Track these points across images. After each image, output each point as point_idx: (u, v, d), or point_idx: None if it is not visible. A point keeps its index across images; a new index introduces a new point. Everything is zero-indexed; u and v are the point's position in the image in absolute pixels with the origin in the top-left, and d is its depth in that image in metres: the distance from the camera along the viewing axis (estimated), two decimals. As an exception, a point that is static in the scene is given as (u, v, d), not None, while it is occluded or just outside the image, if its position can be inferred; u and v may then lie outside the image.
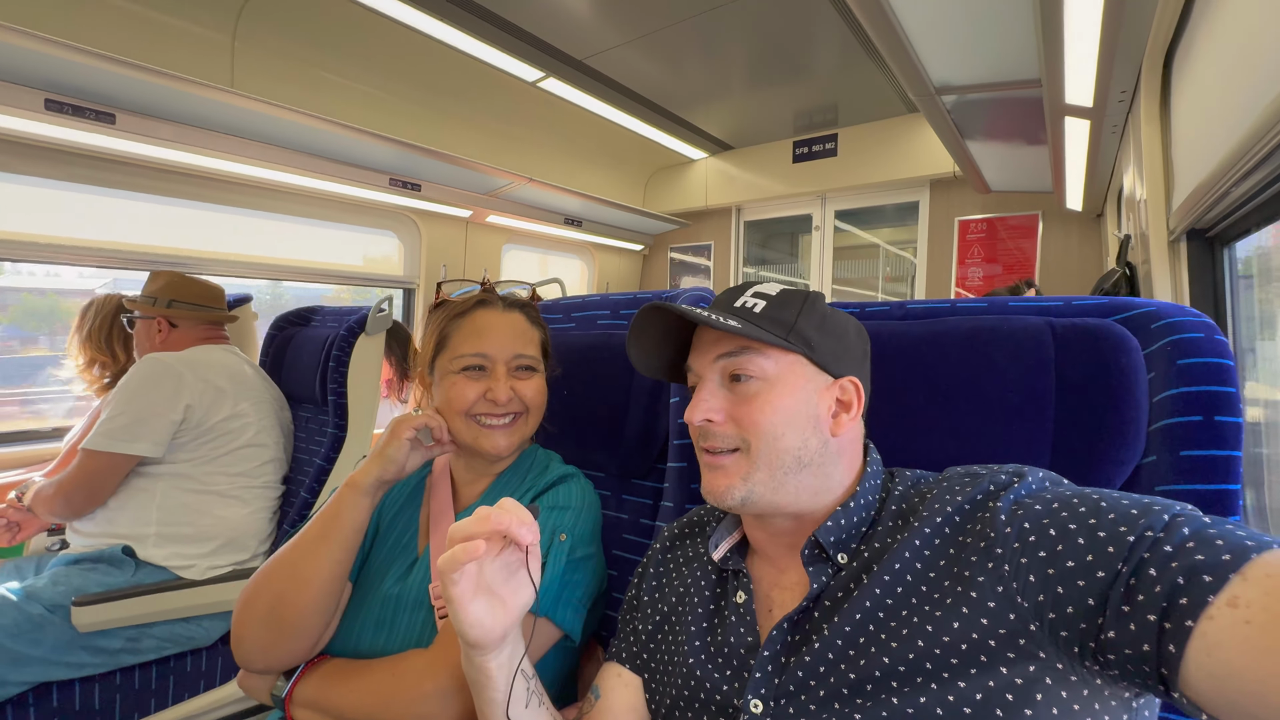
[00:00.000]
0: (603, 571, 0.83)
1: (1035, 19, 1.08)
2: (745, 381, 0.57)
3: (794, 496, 0.56)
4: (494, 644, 0.54)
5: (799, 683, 0.50)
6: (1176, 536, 0.38)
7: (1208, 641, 0.34)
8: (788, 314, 0.57)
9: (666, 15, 2.06)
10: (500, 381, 0.80)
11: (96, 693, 1.25)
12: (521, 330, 0.85)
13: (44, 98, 1.53)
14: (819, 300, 0.61)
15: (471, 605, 0.52)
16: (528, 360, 0.84)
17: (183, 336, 1.55)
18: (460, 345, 0.81)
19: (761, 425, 0.55)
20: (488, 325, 0.82)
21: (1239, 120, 0.77)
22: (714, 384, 0.59)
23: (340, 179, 2.20)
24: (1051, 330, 0.64)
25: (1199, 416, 0.54)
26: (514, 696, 0.56)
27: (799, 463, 0.55)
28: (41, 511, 1.38)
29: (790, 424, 0.55)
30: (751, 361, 0.56)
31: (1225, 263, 1.08)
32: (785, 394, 0.55)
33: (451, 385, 0.81)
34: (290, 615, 0.70)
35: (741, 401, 0.56)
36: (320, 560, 0.71)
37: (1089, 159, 1.72)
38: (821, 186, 3.25)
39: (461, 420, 0.80)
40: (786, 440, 0.55)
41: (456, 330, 0.83)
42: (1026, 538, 0.44)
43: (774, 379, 0.56)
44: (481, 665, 0.55)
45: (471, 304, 0.84)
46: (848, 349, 0.59)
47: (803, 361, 0.57)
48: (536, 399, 0.84)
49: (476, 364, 0.81)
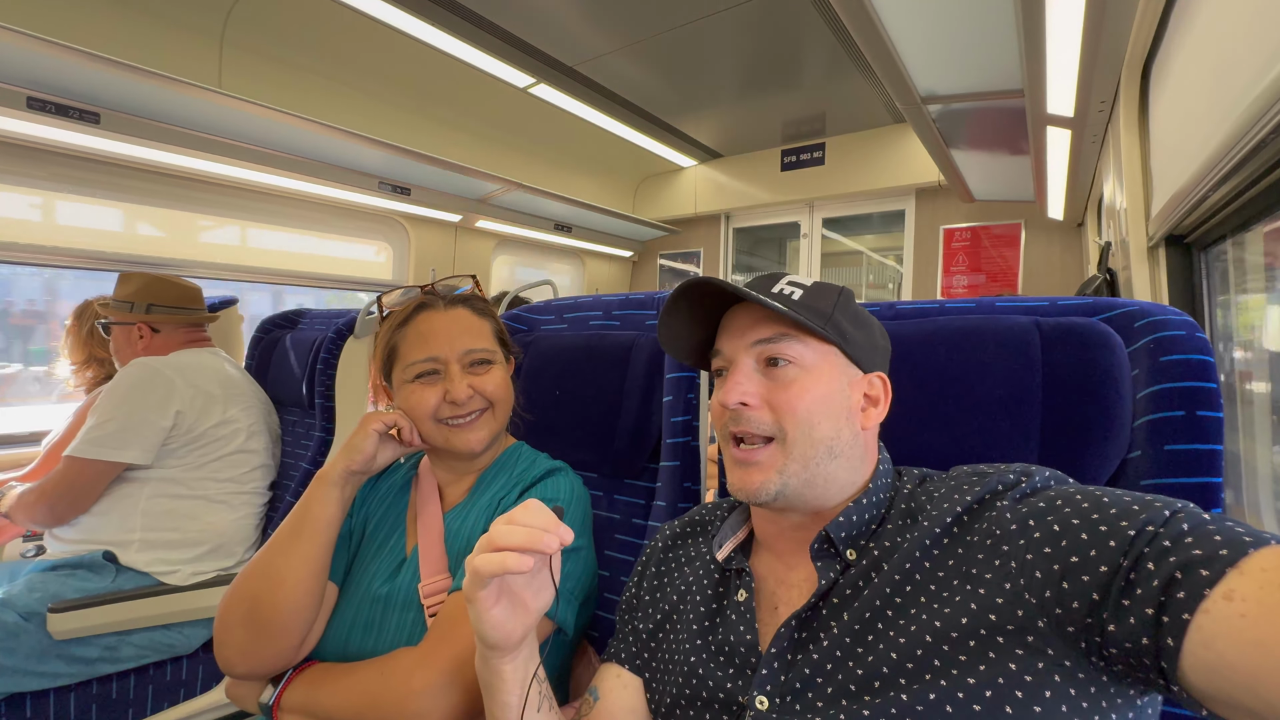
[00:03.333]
0: (593, 566, 0.83)
1: (1018, 31, 1.11)
2: (783, 367, 0.56)
3: (823, 489, 0.56)
4: (513, 646, 0.54)
5: (806, 679, 0.50)
6: (1175, 531, 0.38)
7: (1204, 634, 0.35)
8: (825, 304, 0.58)
9: (657, 23, 2.08)
10: (456, 381, 0.79)
11: (72, 703, 1.22)
12: (468, 325, 0.83)
13: (26, 96, 1.51)
14: (851, 296, 0.62)
15: (495, 609, 0.52)
16: (480, 354, 0.82)
17: (166, 341, 1.52)
18: (409, 354, 0.80)
19: (799, 412, 0.54)
20: (431, 328, 0.81)
21: (1214, 128, 0.80)
22: (749, 368, 0.57)
23: (329, 182, 2.18)
24: (1038, 329, 0.65)
25: (1181, 412, 0.56)
26: (529, 701, 0.56)
27: (831, 453, 0.55)
28: (21, 518, 1.34)
29: (826, 413, 0.55)
30: (790, 347, 0.56)
31: (1203, 267, 1.10)
32: (823, 382, 0.55)
33: (410, 394, 0.80)
34: (269, 615, 0.69)
35: (780, 387, 0.55)
36: (294, 558, 0.71)
37: (1070, 168, 1.75)
38: (809, 194, 3.29)
39: (430, 425, 0.80)
40: (822, 429, 0.54)
41: (403, 339, 0.82)
42: (1032, 534, 0.45)
43: (811, 367, 0.56)
44: (498, 668, 0.55)
45: (411, 309, 0.83)
46: (875, 346, 0.60)
47: (837, 353, 0.57)
48: (498, 391, 0.83)
49: (429, 369, 0.80)
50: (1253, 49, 0.68)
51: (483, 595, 0.51)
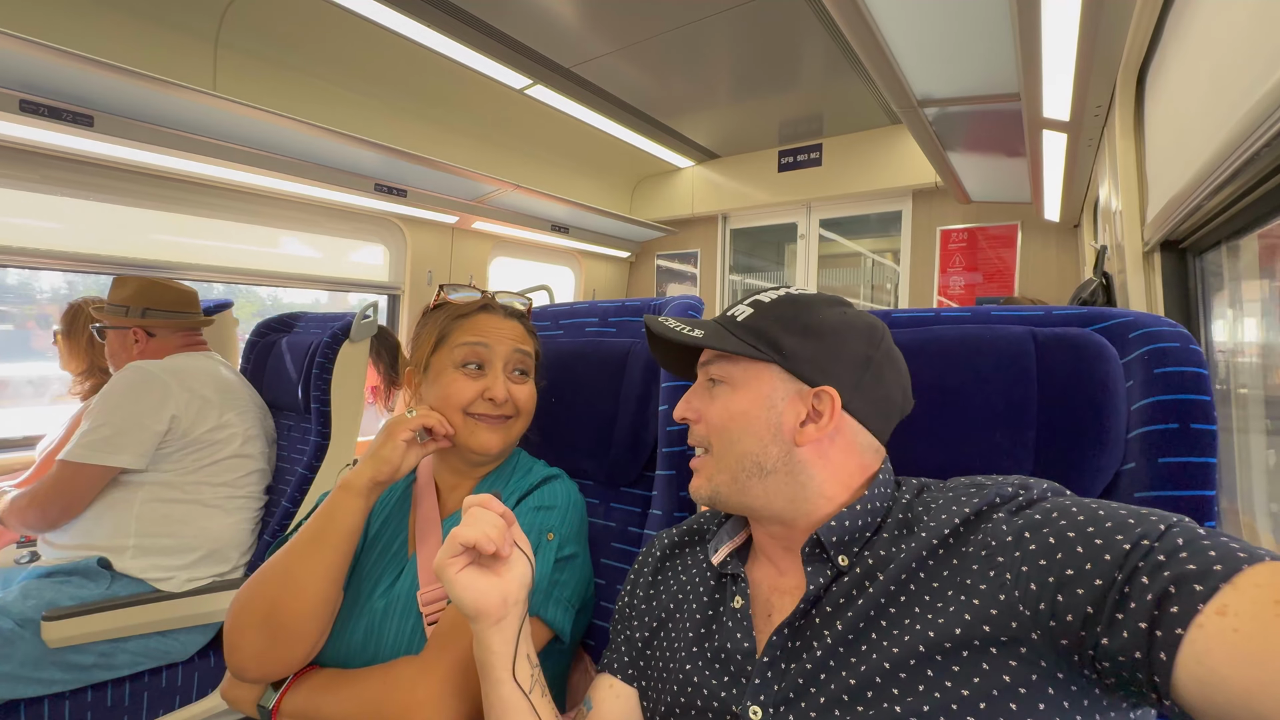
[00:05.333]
0: (589, 573, 0.83)
1: (1014, 35, 1.11)
2: (717, 385, 0.61)
3: (764, 501, 0.57)
4: (493, 611, 0.56)
5: (799, 689, 0.50)
6: (1170, 545, 0.38)
7: (1197, 649, 0.35)
8: (765, 322, 0.59)
9: (653, 25, 2.07)
10: (499, 380, 0.81)
11: (67, 710, 1.21)
12: (521, 334, 0.87)
13: (19, 99, 1.50)
14: (814, 304, 0.60)
15: (461, 574, 0.56)
16: (524, 362, 0.86)
17: (162, 345, 1.51)
18: (462, 336, 0.83)
19: (717, 426, 0.59)
20: (490, 326, 0.84)
21: (1210, 135, 0.80)
22: (699, 386, 0.64)
23: (325, 184, 2.18)
24: (1034, 340, 0.65)
25: (1175, 424, 0.56)
26: (518, 670, 0.58)
27: (759, 468, 0.56)
28: (14, 523, 1.34)
29: (745, 429, 0.57)
30: (721, 368, 0.61)
31: (1198, 273, 1.11)
32: (744, 400, 0.58)
33: (450, 381, 0.81)
34: (287, 622, 0.68)
35: (709, 403, 0.61)
36: (315, 565, 0.70)
37: (1066, 171, 1.76)
38: (806, 195, 3.29)
39: (459, 416, 0.81)
40: (743, 445, 0.57)
41: (458, 328, 0.84)
42: (1027, 546, 0.45)
43: (739, 384, 0.59)
44: (485, 639, 0.57)
45: (474, 307, 0.86)
46: (839, 355, 0.57)
47: (773, 369, 0.57)
48: (528, 404, 0.86)
49: (476, 360, 0.82)
50: (1249, 56, 0.68)
51: (449, 575, 0.56)
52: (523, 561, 0.60)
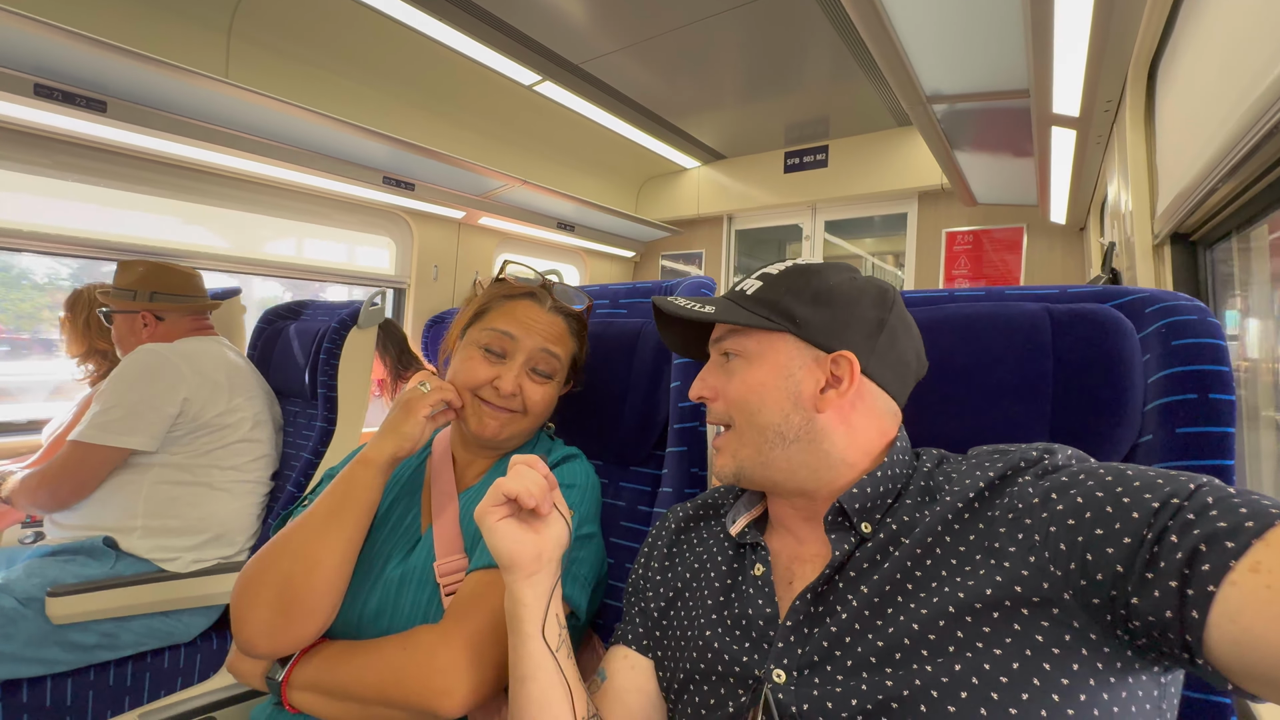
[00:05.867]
0: (603, 554, 0.83)
1: (1025, 30, 1.12)
2: (732, 360, 0.61)
3: (787, 472, 0.57)
4: (527, 565, 0.57)
5: (824, 652, 0.50)
6: (1199, 503, 0.38)
7: (1230, 607, 0.34)
8: (776, 293, 0.59)
9: (662, 22, 2.09)
10: (511, 374, 0.80)
11: (69, 689, 1.21)
12: (559, 334, 0.85)
13: (33, 82, 1.51)
14: (823, 271, 0.60)
15: (501, 524, 0.57)
16: (549, 364, 0.84)
17: (170, 329, 1.52)
18: (494, 320, 0.83)
19: (736, 401, 0.58)
20: (529, 316, 0.83)
21: (1220, 125, 0.80)
22: (713, 363, 0.63)
23: (334, 175, 2.18)
24: (1050, 315, 0.65)
25: (1194, 394, 0.56)
26: (548, 629, 0.58)
27: (782, 438, 0.56)
28: (22, 503, 1.34)
29: (765, 400, 0.57)
30: (735, 341, 0.60)
31: (1208, 264, 1.11)
32: (762, 371, 0.58)
33: (469, 359, 0.82)
34: (302, 597, 0.68)
35: (727, 379, 0.60)
36: (332, 539, 0.70)
37: (1074, 170, 1.76)
38: (812, 197, 3.30)
39: (468, 394, 0.82)
40: (764, 416, 0.57)
41: (499, 307, 0.84)
42: (1055, 507, 0.44)
43: (754, 356, 0.59)
44: (517, 591, 0.57)
45: (521, 291, 0.86)
46: (853, 320, 0.57)
47: (787, 338, 0.58)
48: (539, 405, 0.84)
49: (500, 347, 0.81)
50: (1259, 46, 0.69)
51: (490, 522, 0.57)
52: (560, 524, 0.60)
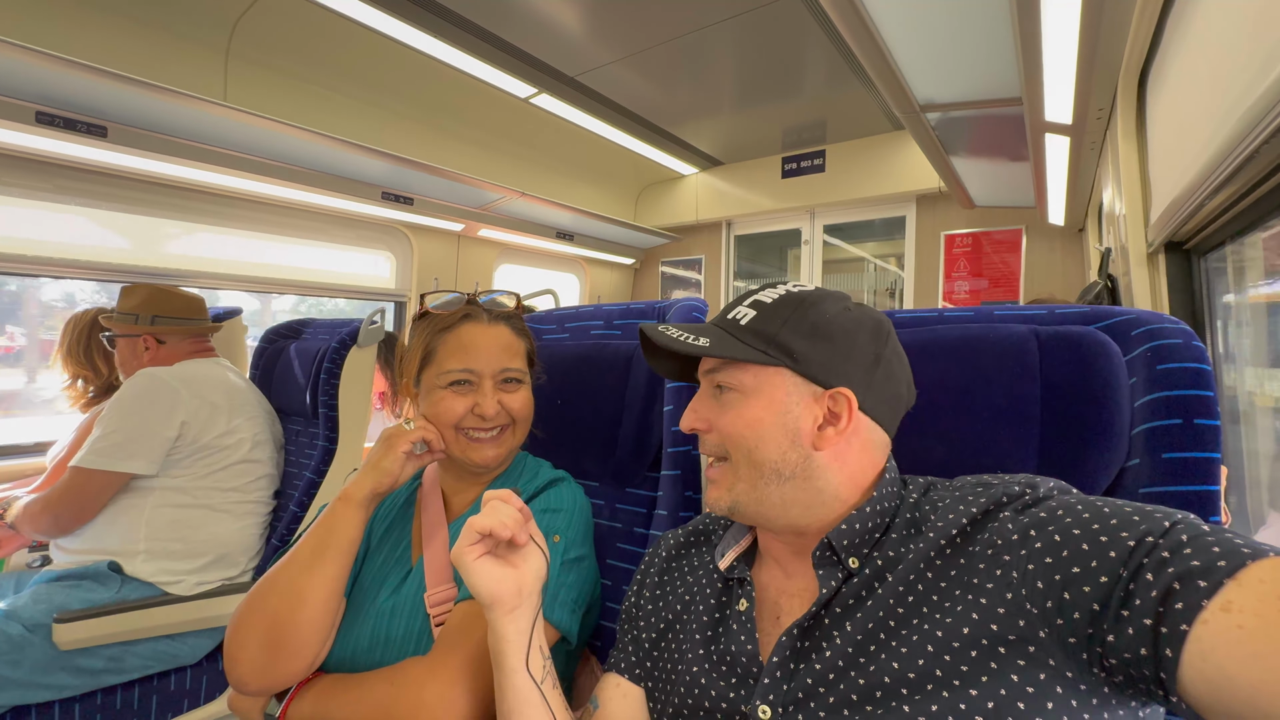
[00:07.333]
0: (595, 575, 0.83)
1: (1015, 39, 1.12)
2: (726, 393, 0.59)
3: (780, 509, 0.56)
4: (508, 600, 0.58)
5: (808, 689, 0.50)
6: (1174, 541, 0.38)
7: (1202, 646, 0.34)
8: (772, 325, 0.57)
9: (657, 34, 2.09)
10: (487, 397, 0.80)
11: (77, 714, 1.22)
12: (507, 343, 0.84)
13: (35, 110, 1.53)
14: (820, 303, 0.58)
15: (478, 562, 0.57)
16: (514, 373, 0.83)
17: (171, 352, 1.53)
18: (446, 361, 0.81)
19: (732, 436, 0.57)
20: (473, 340, 0.81)
21: (1211, 135, 0.80)
22: (705, 393, 0.62)
23: (333, 192, 2.20)
24: (1036, 338, 0.65)
25: (1179, 420, 0.56)
26: (531, 661, 0.58)
27: (778, 475, 0.55)
28: (27, 529, 1.35)
29: (763, 437, 0.55)
30: (730, 375, 0.58)
31: (1202, 273, 1.11)
32: (759, 407, 0.56)
33: (439, 400, 0.80)
34: (287, 635, 0.68)
35: (721, 412, 0.59)
36: (316, 577, 0.71)
37: (1069, 174, 1.76)
38: (810, 201, 3.30)
39: (451, 433, 0.81)
40: (761, 452, 0.56)
41: (442, 345, 0.82)
42: (1033, 544, 0.44)
43: (751, 391, 0.57)
44: (499, 627, 0.58)
45: (457, 318, 0.83)
46: (850, 355, 0.56)
47: (784, 373, 0.56)
48: (523, 411, 0.84)
49: (463, 379, 0.80)
50: (1248, 56, 0.69)
51: (467, 561, 0.57)
52: (538, 555, 0.61)
